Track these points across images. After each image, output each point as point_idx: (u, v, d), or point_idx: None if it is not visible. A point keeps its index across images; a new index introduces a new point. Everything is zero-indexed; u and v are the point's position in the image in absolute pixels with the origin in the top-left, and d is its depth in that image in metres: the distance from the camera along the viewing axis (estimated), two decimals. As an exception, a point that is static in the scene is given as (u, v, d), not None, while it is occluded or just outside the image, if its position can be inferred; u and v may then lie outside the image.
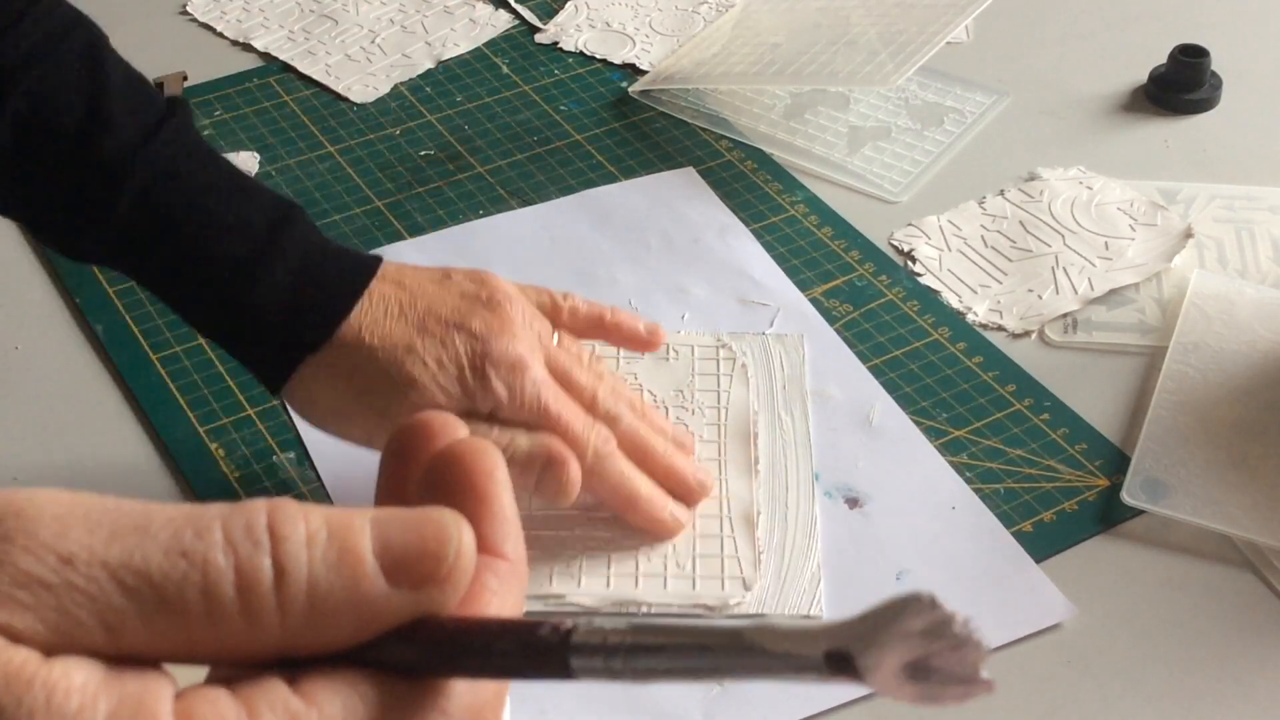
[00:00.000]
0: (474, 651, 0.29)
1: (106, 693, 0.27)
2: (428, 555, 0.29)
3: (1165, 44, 1.05)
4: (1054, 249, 0.92)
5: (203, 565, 0.28)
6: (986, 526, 0.76)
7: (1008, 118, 1.04)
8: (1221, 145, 1.01)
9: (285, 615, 0.28)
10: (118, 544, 0.27)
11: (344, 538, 0.29)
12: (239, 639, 0.28)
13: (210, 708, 0.27)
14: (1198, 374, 0.83)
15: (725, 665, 0.28)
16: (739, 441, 0.80)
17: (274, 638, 0.28)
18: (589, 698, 0.69)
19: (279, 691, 0.28)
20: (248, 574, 0.28)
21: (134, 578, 0.27)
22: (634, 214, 0.96)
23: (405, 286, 0.72)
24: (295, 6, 1.15)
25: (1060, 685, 0.69)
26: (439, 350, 0.70)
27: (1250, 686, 0.69)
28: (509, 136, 1.03)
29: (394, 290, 0.71)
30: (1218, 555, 0.75)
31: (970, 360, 0.85)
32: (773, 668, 0.28)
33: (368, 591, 0.29)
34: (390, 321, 0.70)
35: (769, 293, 0.90)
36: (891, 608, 0.27)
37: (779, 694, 0.69)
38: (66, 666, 0.27)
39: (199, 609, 0.28)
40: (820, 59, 1.02)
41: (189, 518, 0.28)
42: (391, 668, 0.29)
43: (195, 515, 0.28)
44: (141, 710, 0.27)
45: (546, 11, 1.15)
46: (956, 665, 0.27)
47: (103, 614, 0.27)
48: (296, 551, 0.28)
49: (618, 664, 0.29)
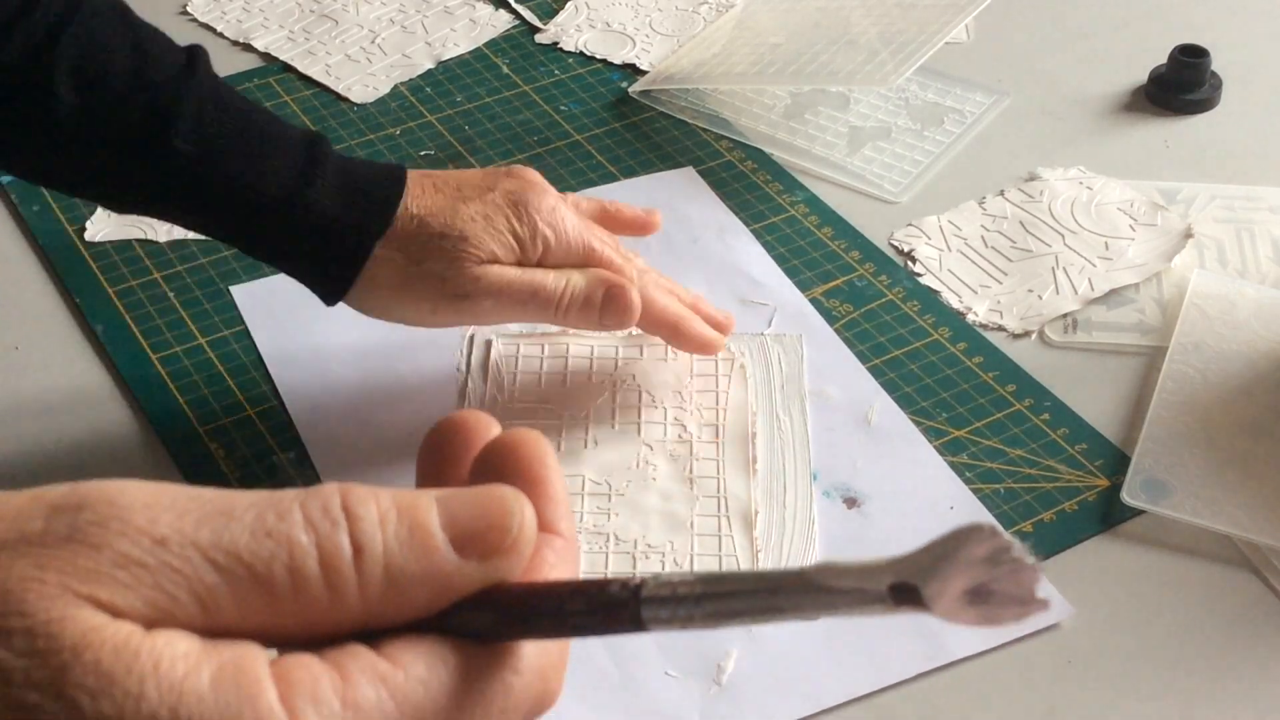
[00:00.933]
0: (548, 613, 0.31)
1: (208, 659, 0.28)
2: (493, 527, 0.31)
3: (1165, 44, 1.05)
4: (1054, 249, 0.92)
5: (288, 544, 0.29)
6: (986, 526, 0.76)
7: (1008, 118, 1.04)
8: (1221, 145, 1.01)
9: (365, 589, 0.30)
10: (206, 527, 0.29)
11: (413, 515, 0.30)
12: (323, 613, 0.30)
13: (304, 670, 0.29)
14: (1198, 374, 0.83)
15: (792, 605, 0.29)
16: (737, 442, 0.80)
17: (355, 611, 0.30)
18: (589, 698, 0.69)
19: (366, 655, 0.30)
20: (329, 551, 0.30)
21: (225, 557, 0.29)
22: (634, 214, 0.96)
23: (432, 175, 0.78)
24: (295, 6, 1.15)
25: (1060, 685, 0.69)
26: (482, 206, 0.76)
27: (1250, 686, 0.69)
28: (509, 136, 1.03)
29: (425, 177, 0.77)
30: (1218, 555, 0.75)
31: (970, 360, 0.85)
32: (838, 604, 0.29)
33: (439, 564, 0.30)
34: (429, 196, 0.76)
35: (768, 293, 0.90)
36: (954, 538, 0.28)
37: (778, 694, 0.69)
38: (169, 637, 0.28)
39: (286, 585, 0.29)
40: (820, 59, 1.02)
41: (269, 501, 0.30)
42: (466, 635, 0.31)
43: (275, 499, 0.30)
44: (241, 673, 0.28)
45: (546, 11, 1.15)
46: (1014, 587, 0.28)
47: (197, 591, 0.29)
48: (371, 530, 0.30)
49: (686, 612, 0.30)
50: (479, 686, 0.31)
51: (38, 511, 0.29)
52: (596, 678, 0.69)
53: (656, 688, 0.69)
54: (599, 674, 0.69)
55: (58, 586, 0.28)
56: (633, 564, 0.74)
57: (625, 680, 0.69)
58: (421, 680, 0.30)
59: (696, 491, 0.77)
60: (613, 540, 0.75)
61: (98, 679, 0.27)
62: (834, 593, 0.29)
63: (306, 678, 0.29)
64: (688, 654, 0.70)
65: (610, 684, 0.69)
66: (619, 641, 0.70)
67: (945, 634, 0.70)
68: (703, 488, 0.77)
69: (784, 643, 0.70)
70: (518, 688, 0.31)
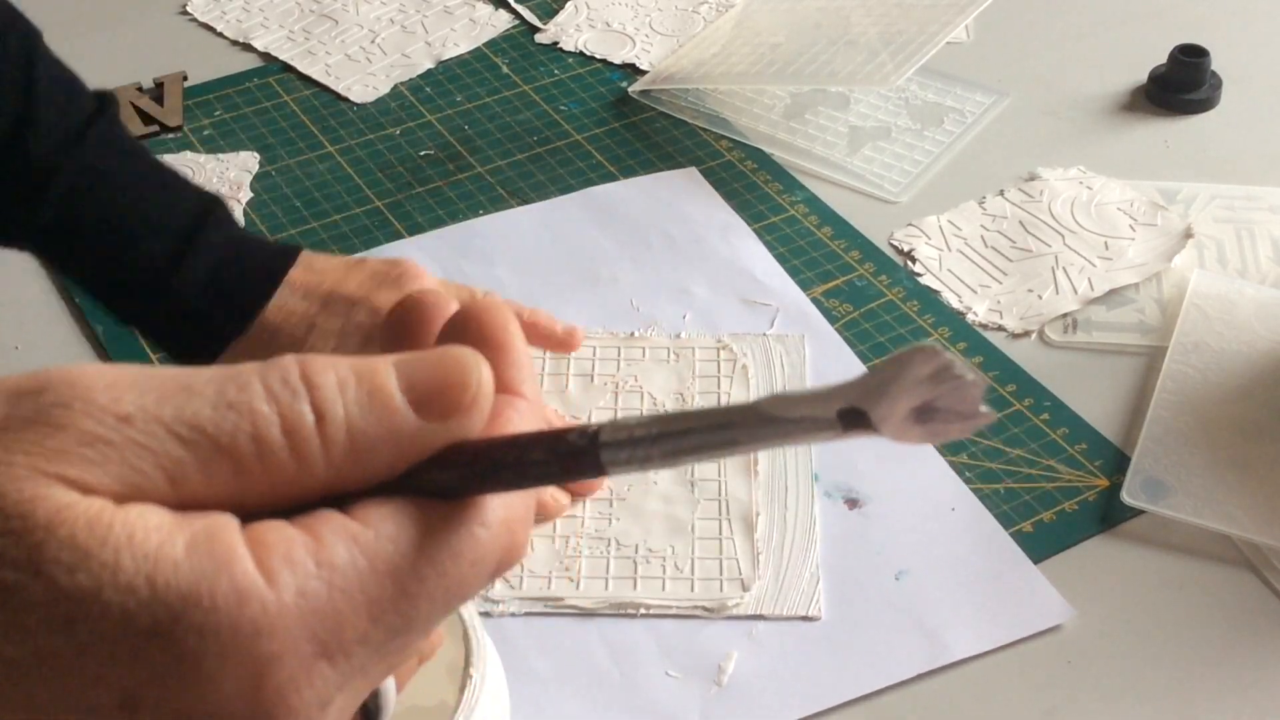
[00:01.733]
0: (509, 465, 0.31)
1: (180, 529, 0.29)
2: (451, 386, 0.31)
3: (1165, 44, 1.05)
4: (1054, 249, 0.92)
5: (250, 414, 0.30)
6: (986, 527, 0.76)
7: (1008, 118, 1.04)
8: (1221, 145, 1.01)
9: (329, 454, 0.30)
10: (168, 403, 0.29)
11: (372, 380, 0.31)
12: (289, 479, 0.30)
13: (277, 534, 0.29)
14: (1198, 374, 0.83)
15: (746, 437, 0.30)
16: (739, 442, 0.80)
17: (320, 476, 0.30)
18: (589, 698, 0.69)
19: (334, 518, 0.30)
20: (291, 419, 0.30)
21: (189, 430, 0.29)
22: (636, 213, 0.96)
23: (315, 269, 0.74)
24: (295, 6, 1.15)
25: (1060, 685, 0.69)
26: (341, 323, 0.72)
27: (1250, 686, 0.69)
28: (509, 136, 1.03)
29: (303, 274, 0.74)
30: (1218, 555, 0.75)
31: (970, 360, 0.86)
32: (791, 433, 0.30)
33: (400, 425, 0.31)
34: (295, 301, 0.73)
35: (771, 293, 0.90)
36: (897, 361, 0.29)
37: (779, 694, 0.69)
38: (141, 510, 0.29)
39: (251, 453, 0.30)
40: (820, 59, 1.02)
41: (229, 375, 0.30)
42: (431, 493, 0.31)
43: (234, 373, 0.30)
44: (215, 539, 0.29)
45: (546, 11, 1.15)
46: (959, 403, 0.29)
47: (163, 465, 0.29)
48: (331, 396, 0.30)
49: (644, 452, 0.31)
50: (447, 540, 0.31)
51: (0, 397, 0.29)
52: (597, 678, 0.69)
53: (657, 688, 0.69)
54: (599, 674, 0.69)
55: (26, 468, 0.28)
56: (634, 568, 0.74)
57: (625, 680, 0.69)
58: (391, 537, 0.30)
59: (698, 494, 0.77)
60: (614, 545, 0.75)
61: (73, 553, 0.28)
62: (785, 422, 0.30)
63: (280, 541, 0.29)
64: (688, 654, 0.70)
65: (610, 684, 0.69)
66: (619, 642, 0.71)
67: (945, 634, 0.71)
68: (704, 490, 0.77)
69: (784, 644, 0.70)
70: (485, 539, 0.31)
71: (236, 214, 0.96)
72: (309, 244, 0.93)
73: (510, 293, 0.90)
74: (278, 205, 0.97)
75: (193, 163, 1.00)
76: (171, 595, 0.28)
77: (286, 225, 0.96)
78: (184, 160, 1.01)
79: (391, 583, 0.30)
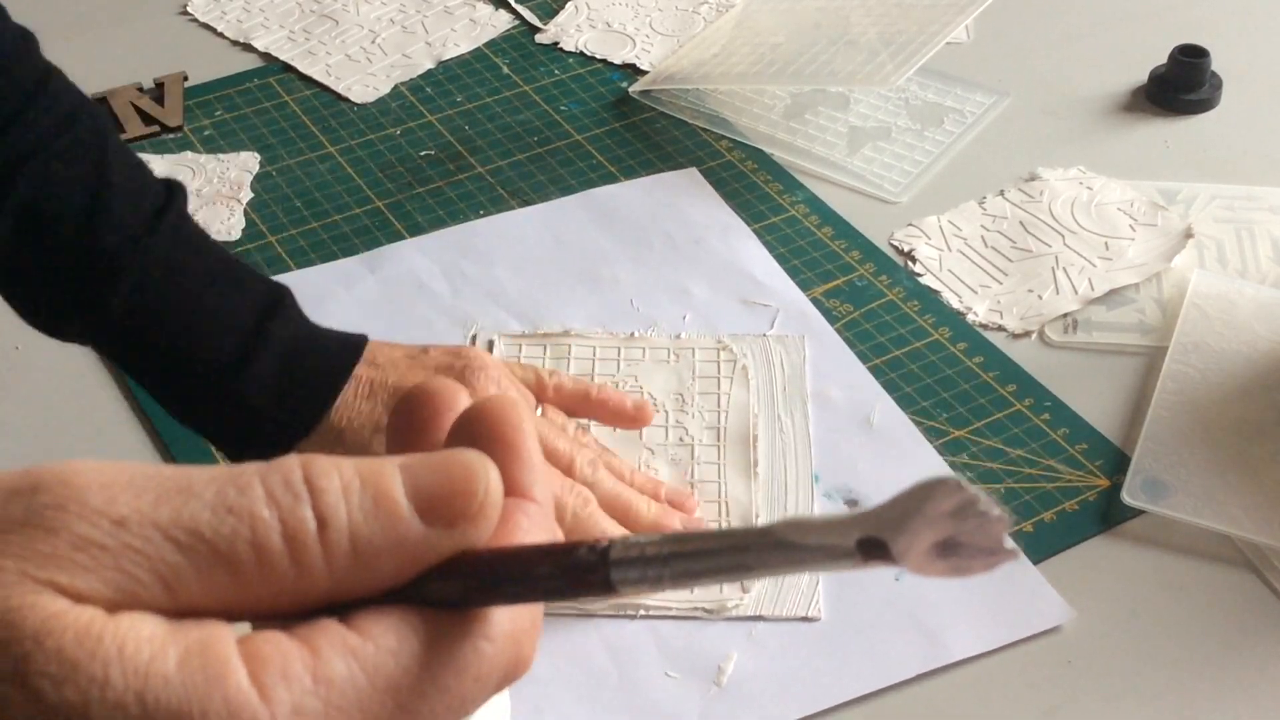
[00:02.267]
0: (515, 578, 0.31)
1: (173, 641, 0.28)
2: (458, 493, 0.30)
3: (1165, 44, 1.05)
4: (1054, 249, 0.92)
5: (250, 519, 0.29)
6: (986, 527, 0.76)
7: (1008, 118, 1.04)
8: (1221, 145, 1.01)
9: (331, 561, 0.29)
10: (165, 505, 0.29)
11: (377, 484, 0.30)
12: (289, 587, 0.29)
13: (273, 647, 0.28)
14: (1198, 374, 0.83)
15: (759, 563, 0.29)
16: (739, 444, 0.80)
17: (322, 584, 0.29)
18: (589, 698, 0.69)
19: (334, 629, 0.29)
20: (292, 525, 0.29)
21: (186, 535, 0.28)
22: (637, 214, 0.96)
23: (378, 364, 0.72)
24: (295, 6, 1.15)
25: (1060, 685, 0.69)
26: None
27: (1250, 686, 0.69)
28: (509, 136, 1.03)
29: (367, 370, 0.72)
30: (1218, 555, 0.75)
31: (970, 360, 0.86)
32: (806, 560, 0.29)
33: (405, 533, 0.30)
34: (360, 402, 0.71)
35: (771, 293, 0.90)
36: (919, 493, 0.28)
37: (778, 695, 0.69)
38: (133, 620, 0.28)
39: (250, 561, 0.29)
40: (820, 59, 1.02)
41: (229, 476, 0.29)
42: (435, 603, 0.30)
43: (234, 474, 0.29)
44: (209, 653, 0.28)
45: (546, 11, 1.15)
46: (982, 539, 0.28)
47: (159, 571, 0.28)
48: (335, 501, 0.29)
49: (655, 572, 0.30)
50: (451, 654, 0.30)
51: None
52: (597, 678, 0.69)
53: (656, 688, 0.69)
54: (599, 674, 0.69)
55: (15, 573, 0.27)
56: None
57: (625, 681, 0.69)
58: (392, 651, 0.29)
59: (698, 496, 0.77)
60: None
61: (60, 666, 0.27)
62: (802, 549, 0.29)
63: (276, 655, 0.28)
64: (688, 655, 0.70)
65: (610, 684, 0.69)
66: (619, 642, 0.71)
67: (945, 634, 0.71)
68: (704, 491, 0.77)
69: (784, 644, 0.70)
70: (490, 654, 0.31)
71: (237, 214, 0.96)
72: (309, 244, 0.94)
73: (510, 292, 0.90)
74: (278, 205, 0.97)
75: (193, 163, 1.00)
76: (161, 713, 0.27)
77: (287, 225, 0.96)
78: (184, 160, 1.01)
79: (391, 700, 0.29)
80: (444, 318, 0.88)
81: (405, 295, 0.90)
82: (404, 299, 0.89)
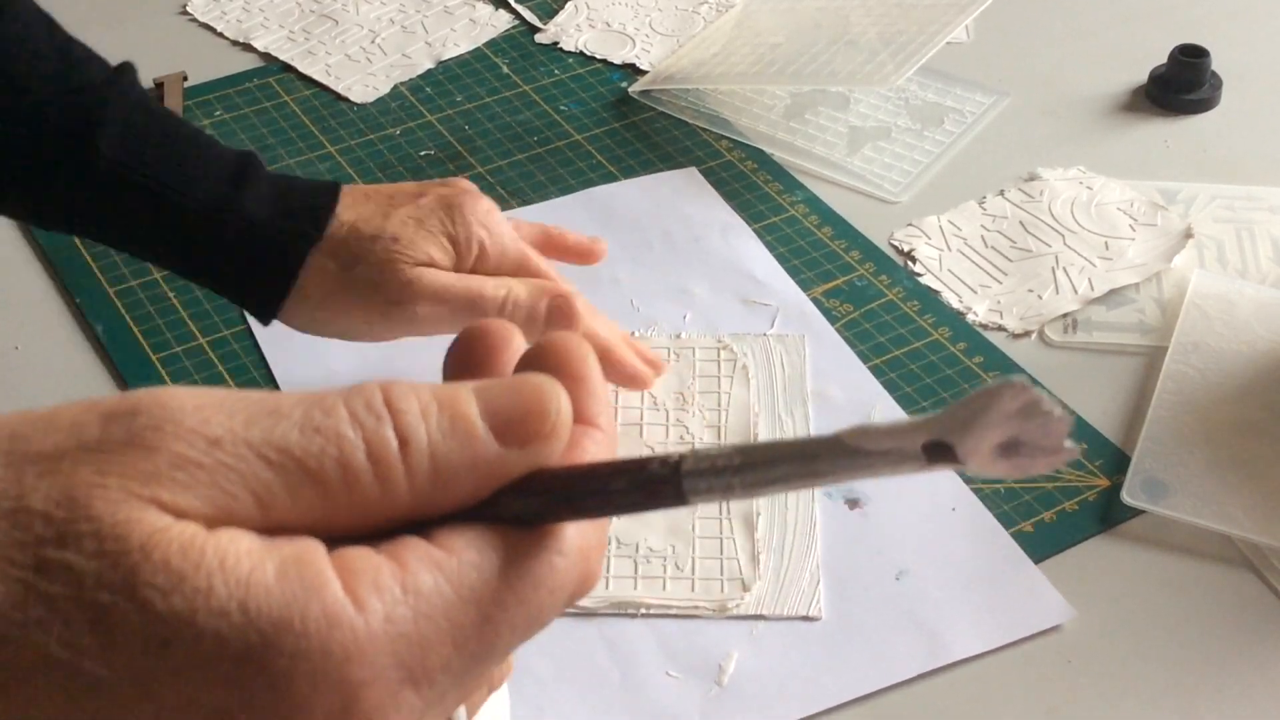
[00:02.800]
0: (592, 493, 0.32)
1: (270, 554, 0.29)
2: (531, 413, 0.32)
3: (1165, 44, 1.05)
4: (1054, 249, 0.93)
5: (336, 439, 0.30)
6: (986, 527, 0.76)
7: (1008, 118, 1.04)
8: (1221, 145, 1.01)
9: (413, 479, 0.31)
10: (256, 426, 0.30)
11: (454, 407, 0.31)
12: (374, 504, 0.30)
13: (364, 561, 0.30)
14: (1198, 374, 0.83)
15: (830, 469, 0.30)
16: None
17: (404, 501, 0.31)
18: (590, 698, 0.69)
19: (419, 545, 0.30)
20: (376, 444, 0.30)
21: (276, 454, 0.30)
22: (637, 213, 0.96)
23: (364, 186, 0.77)
24: (295, 6, 1.15)
25: (1060, 685, 0.69)
26: (415, 210, 0.75)
27: (1250, 686, 0.69)
28: (509, 136, 1.03)
29: (356, 188, 0.76)
30: (1218, 555, 0.75)
31: (970, 360, 0.86)
32: (875, 465, 0.30)
33: (481, 452, 0.31)
34: (361, 205, 0.75)
35: (771, 293, 0.90)
36: (985, 396, 0.29)
37: (779, 694, 0.69)
38: (232, 534, 0.29)
39: (337, 478, 0.30)
40: (820, 59, 1.02)
41: (314, 400, 0.31)
42: (510, 520, 0.32)
43: (319, 398, 0.31)
44: (305, 565, 0.29)
45: (546, 11, 1.15)
46: (1044, 438, 0.29)
47: (253, 488, 0.29)
48: (415, 422, 0.31)
49: (726, 481, 0.31)
50: (528, 567, 0.31)
51: (93, 419, 0.30)
52: (597, 678, 0.69)
53: (657, 688, 0.69)
54: (600, 674, 0.69)
55: (120, 490, 0.28)
56: (634, 568, 0.74)
57: (626, 680, 0.69)
58: (474, 564, 0.31)
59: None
60: (614, 544, 0.75)
61: (167, 577, 0.28)
62: (870, 455, 0.30)
63: (367, 567, 0.29)
64: (689, 654, 0.70)
65: (611, 684, 0.69)
66: (620, 641, 0.71)
67: (946, 634, 0.71)
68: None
69: (785, 643, 0.71)
70: (562, 568, 0.32)
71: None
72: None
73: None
74: (278, 205, 0.97)
75: (193, 163, 1.00)
76: (263, 620, 0.28)
77: (287, 225, 0.96)
78: (184, 160, 1.01)
79: (475, 610, 0.30)
80: (444, 317, 0.88)
81: (405, 295, 0.90)
82: (404, 299, 0.89)
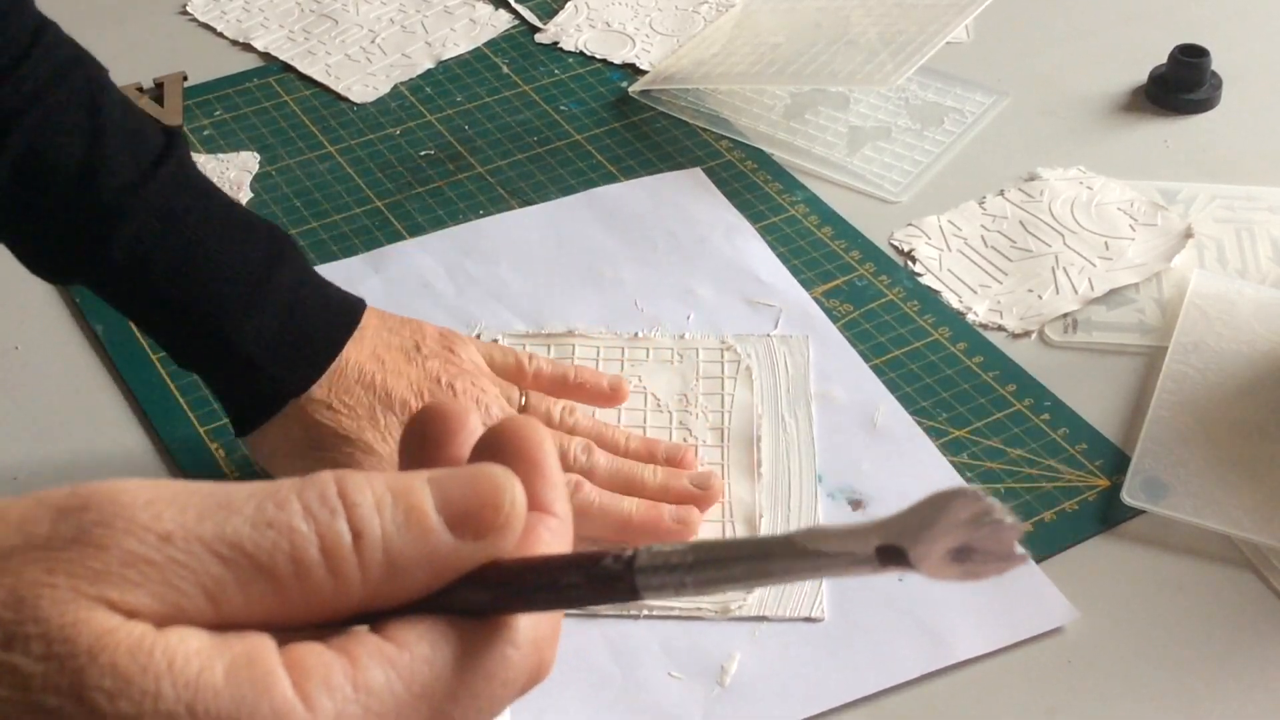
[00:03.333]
0: (544, 586, 0.32)
1: (220, 653, 0.29)
2: (486, 506, 0.32)
3: (1165, 44, 1.05)
4: (1054, 249, 0.93)
5: (289, 532, 0.30)
6: (987, 527, 0.76)
7: (1008, 118, 1.04)
8: (1221, 145, 1.02)
9: (366, 573, 0.31)
10: (208, 521, 0.30)
11: (408, 498, 0.31)
12: (327, 598, 0.31)
13: (315, 658, 0.30)
14: (1198, 374, 0.83)
15: (782, 569, 0.31)
16: (742, 444, 0.80)
17: (358, 594, 0.31)
18: (592, 699, 0.69)
19: (370, 640, 0.31)
20: (329, 538, 0.30)
21: (228, 549, 0.30)
22: (641, 213, 0.96)
23: (378, 357, 0.74)
24: (295, 6, 1.15)
25: (1060, 685, 0.69)
26: (400, 428, 0.72)
27: (1250, 686, 0.69)
28: (509, 136, 1.03)
29: (369, 362, 0.73)
30: (1218, 555, 0.75)
31: (970, 360, 0.86)
32: (827, 566, 0.30)
33: (435, 545, 0.31)
34: (359, 390, 0.72)
35: (775, 293, 0.90)
36: (938, 501, 0.30)
37: (781, 695, 0.69)
38: (181, 634, 0.29)
39: (289, 572, 0.30)
40: (820, 59, 1.02)
41: (267, 492, 0.31)
42: (462, 612, 0.32)
43: (272, 489, 0.31)
44: (255, 665, 0.29)
45: (546, 11, 1.15)
46: (995, 545, 0.30)
47: (204, 584, 0.29)
48: (369, 515, 0.31)
49: (679, 579, 0.31)
50: (480, 660, 0.32)
51: (42, 515, 0.30)
52: (599, 679, 0.69)
53: (659, 689, 0.69)
54: (602, 675, 0.70)
55: (69, 590, 0.28)
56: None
57: (628, 681, 0.69)
58: (426, 659, 0.31)
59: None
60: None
61: (114, 680, 0.28)
62: (823, 556, 0.30)
63: (318, 664, 0.29)
64: (691, 655, 0.70)
65: (613, 685, 0.69)
66: (622, 643, 0.71)
67: (949, 635, 0.71)
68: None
69: (787, 644, 0.71)
70: (515, 660, 0.32)
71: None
72: (309, 244, 0.94)
73: (513, 292, 0.90)
74: (278, 205, 0.97)
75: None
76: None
77: (287, 225, 0.96)
78: (184, 160, 1.01)
79: (427, 705, 0.31)
80: (448, 317, 0.88)
81: (409, 295, 0.90)
82: (408, 299, 0.89)
